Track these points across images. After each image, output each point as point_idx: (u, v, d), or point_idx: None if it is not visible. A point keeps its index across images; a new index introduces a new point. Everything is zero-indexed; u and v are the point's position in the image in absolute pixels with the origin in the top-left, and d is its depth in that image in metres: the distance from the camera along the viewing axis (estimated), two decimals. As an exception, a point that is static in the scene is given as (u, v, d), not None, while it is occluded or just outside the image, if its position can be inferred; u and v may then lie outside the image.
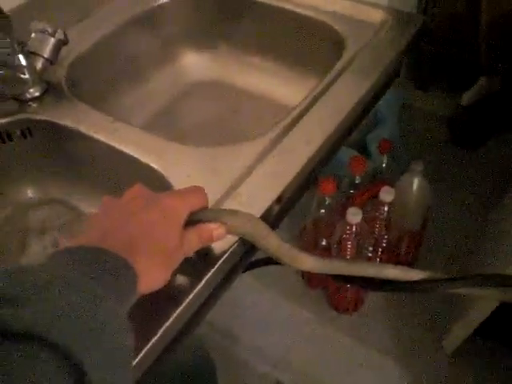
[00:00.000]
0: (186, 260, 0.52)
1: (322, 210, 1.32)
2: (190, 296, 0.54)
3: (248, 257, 0.65)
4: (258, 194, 0.63)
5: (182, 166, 0.68)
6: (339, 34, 0.86)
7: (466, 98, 1.79)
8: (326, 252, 1.36)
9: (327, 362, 1.39)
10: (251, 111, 0.97)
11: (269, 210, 0.63)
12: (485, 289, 0.61)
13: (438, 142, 1.87)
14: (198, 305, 0.57)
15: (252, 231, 0.55)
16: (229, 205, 0.62)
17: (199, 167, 0.68)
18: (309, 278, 1.51)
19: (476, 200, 1.69)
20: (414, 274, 0.61)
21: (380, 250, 1.38)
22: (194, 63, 1.03)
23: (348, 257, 1.28)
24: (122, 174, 0.75)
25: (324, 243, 1.37)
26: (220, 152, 0.70)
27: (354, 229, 1.23)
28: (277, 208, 0.65)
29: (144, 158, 0.70)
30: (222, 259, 0.57)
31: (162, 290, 0.50)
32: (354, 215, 1.20)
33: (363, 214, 1.23)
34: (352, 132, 0.82)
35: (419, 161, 1.29)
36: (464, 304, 1.30)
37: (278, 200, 0.64)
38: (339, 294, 1.44)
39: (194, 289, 0.55)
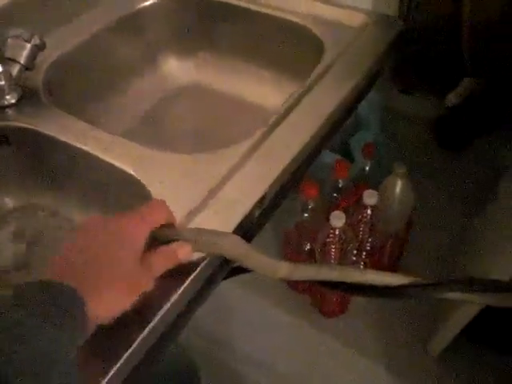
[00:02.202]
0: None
1: (306, 214, 1.31)
2: (166, 307, 0.53)
3: (227, 265, 0.64)
4: (237, 200, 0.63)
5: (160, 173, 0.68)
6: (319, 37, 0.86)
7: (451, 99, 1.80)
8: (309, 256, 1.36)
9: (314, 366, 1.38)
10: (233, 116, 0.96)
11: (248, 216, 0.62)
12: (469, 294, 0.61)
13: (423, 144, 1.87)
14: (175, 316, 0.56)
15: (230, 252, 0.55)
16: (206, 212, 0.62)
17: (178, 174, 0.67)
18: (294, 283, 1.50)
19: (461, 201, 1.69)
20: (398, 279, 0.60)
21: (364, 253, 1.38)
22: (176, 69, 1.02)
23: (332, 261, 1.27)
24: (100, 180, 0.75)
25: (308, 247, 1.37)
26: (199, 158, 0.69)
27: (337, 233, 1.22)
28: (257, 213, 0.64)
29: (121, 165, 0.69)
30: (197, 271, 0.56)
31: (140, 302, 0.51)
32: (338, 219, 1.19)
33: (347, 217, 1.22)
34: (334, 135, 0.82)
35: (402, 163, 1.29)
36: (449, 306, 1.30)
37: (259, 205, 0.63)
38: (324, 297, 1.43)
39: (169, 301, 0.54)
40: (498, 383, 1.32)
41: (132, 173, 0.68)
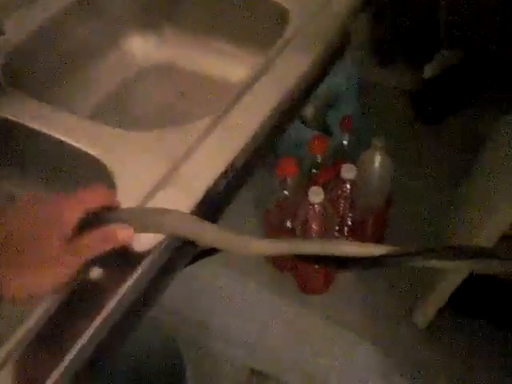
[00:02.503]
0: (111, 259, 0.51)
1: (285, 192, 1.30)
2: (120, 294, 0.52)
3: (189, 249, 0.62)
4: (199, 175, 0.61)
5: (122, 152, 0.66)
6: (284, 7, 0.84)
7: (428, 70, 1.78)
8: (291, 234, 1.35)
9: (300, 344, 1.38)
10: (200, 92, 0.94)
11: (212, 191, 0.60)
12: (447, 261, 0.60)
13: (401, 117, 1.86)
14: (129, 304, 0.54)
15: (182, 230, 0.52)
16: (169, 188, 0.60)
17: (140, 151, 0.66)
18: (277, 261, 1.49)
19: (441, 173, 1.68)
20: (375, 249, 0.59)
21: (346, 229, 1.37)
22: (140, 47, 1.00)
23: (313, 237, 1.26)
24: (64, 163, 0.73)
25: (289, 225, 1.36)
26: (161, 135, 0.68)
27: (317, 209, 1.21)
28: (221, 187, 0.62)
29: (84, 147, 0.68)
30: (151, 256, 0.55)
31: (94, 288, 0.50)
32: (316, 195, 1.18)
33: (326, 193, 1.21)
34: (299, 107, 0.80)
35: (380, 137, 1.28)
36: (433, 278, 1.30)
37: (222, 179, 0.62)
38: (309, 275, 1.42)
39: (123, 288, 0.52)
40: (483, 352, 1.32)
41: (94, 154, 0.67)
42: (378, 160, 1.29)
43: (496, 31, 1.76)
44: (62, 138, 0.69)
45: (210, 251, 0.66)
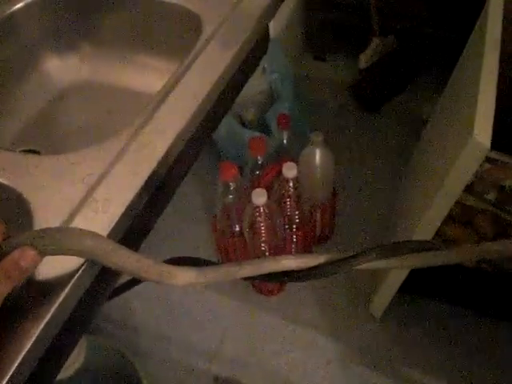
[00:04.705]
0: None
1: (230, 196, 1.29)
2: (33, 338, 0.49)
3: (106, 282, 0.60)
4: (116, 195, 0.59)
5: (38, 179, 0.64)
6: (195, 14, 0.83)
7: (363, 59, 1.80)
8: (241, 238, 1.34)
9: (260, 346, 1.37)
10: (124, 108, 0.92)
11: (129, 211, 0.59)
12: (387, 260, 0.59)
13: (341, 110, 1.87)
14: (45, 348, 0.51)
15: (90, 249, 0.49)
16: (85, 213, 0.58)
17: (57, 177, 0.63)
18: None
19: (385, 162, 1.69)
20: (312, 259, 0.59)
21: (294, 226, 1.36)
22: (60, 69, 0.97)
23: (262, 239, 1.25)
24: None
25: (237, 229, 1.35)
26: (77, 157, 0.65)
27: (261, 210, 1.20)
28: (140, 206, 0.61)
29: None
30: (68, 287, 0.52)
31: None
32: (259, 196, 1.17)
33: (271, 193, 1.20)
34: (225, 109, 0.79)
35: (317, 131, 1.27)
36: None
37: (139, 199, 0.60)
38: (263, 277, 1.41)
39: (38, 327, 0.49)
40: (438, 333, 1.33)
41: (8, 183, 0.64)
42: (317, 154, 1.28)
43: (426, 13, 1.78)
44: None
45: (133, 282, 0.65)
